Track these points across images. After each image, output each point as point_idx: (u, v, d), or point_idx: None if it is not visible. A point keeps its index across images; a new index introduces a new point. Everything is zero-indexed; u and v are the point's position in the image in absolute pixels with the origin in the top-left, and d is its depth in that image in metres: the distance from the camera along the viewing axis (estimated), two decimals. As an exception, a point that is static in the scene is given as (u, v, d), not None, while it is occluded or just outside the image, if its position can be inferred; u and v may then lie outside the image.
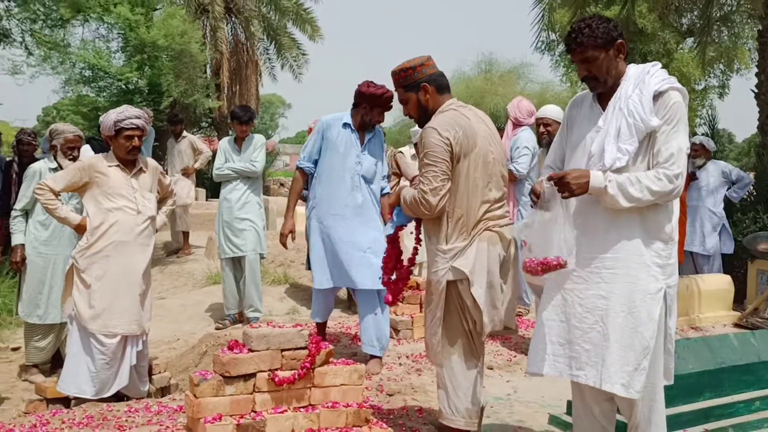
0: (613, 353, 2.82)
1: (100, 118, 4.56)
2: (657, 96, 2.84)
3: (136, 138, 4.41)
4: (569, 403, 3.85)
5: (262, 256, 6.68)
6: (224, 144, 6.75)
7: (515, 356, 5.30)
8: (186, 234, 9.85)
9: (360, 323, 4.89)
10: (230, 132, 21.20)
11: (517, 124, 6.54)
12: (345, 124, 4.85)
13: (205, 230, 10.50)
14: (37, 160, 5.71)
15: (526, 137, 6.44)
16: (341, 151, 4.82)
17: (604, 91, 2.97)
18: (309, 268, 6.05)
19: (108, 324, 4.28)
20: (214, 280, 8.12)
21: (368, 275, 4.64)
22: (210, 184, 16.73)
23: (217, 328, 6.44)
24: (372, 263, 4.60)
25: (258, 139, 6.67)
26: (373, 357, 4.80)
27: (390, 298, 3.49)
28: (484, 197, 3.25)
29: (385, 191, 5.09)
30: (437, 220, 3.25)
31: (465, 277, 3.17)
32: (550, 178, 2.91)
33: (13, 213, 5.37)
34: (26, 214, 5.35)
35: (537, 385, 4.69)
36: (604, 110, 2.95)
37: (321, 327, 5.11)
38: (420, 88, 3.36)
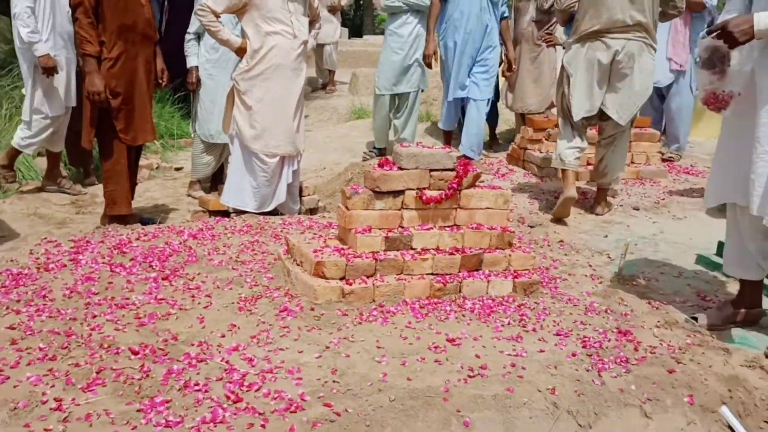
0: None
1: None
2: None
3: None
4: (720, 244, 3.73)
5: (422, 91, 6.62)
6: None
7: (663, 199, 5.13)
8: (332, 72, 9.99)
9: (465, 129, 5.94)
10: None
11: None
12: None
13: (348, 68, 10.58)
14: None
15: None
16: None
17: None
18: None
19: (269, 144, 4.49)
20: (359, 114, 8.30)
21: (477, 90, 5.84)
22: (352, 24, 16.64)
23: (364, 159, 6.62)
24: (486, 81, 5.85)
25: None
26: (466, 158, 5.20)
27: None
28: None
29: (504, 15, 6.07)
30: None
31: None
32: (709, 32, 2.68)
33: (187, 37, 5.56)
34: (198, 37, 5.52)
35: (685, 227, 4.57)
36: None
37: (448, 135, 6.21)
38: None
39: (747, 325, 3.09)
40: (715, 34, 2.71)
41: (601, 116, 4.54)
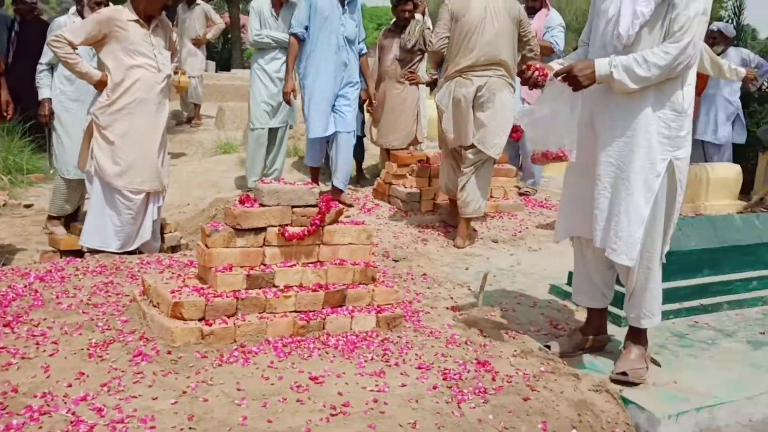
0: (614, 219, 2.87)
1: None
2: None
3: None
4: (570, 274, 3.94)
5: (291, 127, 6.63)
6: (258, 6, 6.29)
7: (520, 232, 5.38)
8: (198, 105, 9.78)
9: (334, 162, 5.96)
10: (242, 4, 20.57)
11: (544, 2, 6.59)
12: None
13: (215, 101, 10.42)
14: (40, 18, 5.61)
15: (558, 16, 6.61)
16: (326, 16, 5.70)
17: None
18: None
19: (134, 180, 4.34)
20: (225, 149, 8.16)
21: (342, 123, 5.86)
22: (219, 57, 16.43)
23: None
24: (349, 113, 5.89)
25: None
26: (337, 191, 5.86)
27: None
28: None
29: (362, 53, 6.13)
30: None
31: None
32: (556, 74, 2.88)
33: (39, 67, 5.26)
34: (51, 68, 5.24)
35: (540, 258, 4.80)
36: None
37: (315, 172, 6.25)
38: None
39: (594, 351, 3.28)
40: (561, 77, 2.88)
41: (466, 146, 4.90)
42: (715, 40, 7.46)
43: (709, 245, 3.98)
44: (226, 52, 17.59)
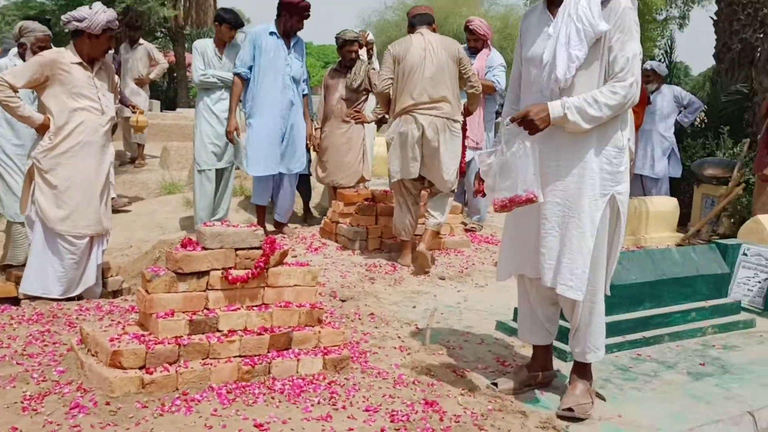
0: (566, 257, 2.91)
1: (75, 14, 4.28)
2: (605, 1, 2.85)
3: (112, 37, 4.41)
4: (515, 310, 3.97)
5: (237, 168, 6.60)
6: (202, 46, 6.27)
7: (467, 268, 5.42)
8: (141, 145, 9.65)
9: (277, 200, 6.18)
10: (187, 44, 20.50)
11: (485, 43, 6.66)
12: (271, 33, 5.87)
13: (160, 141, 10.30)
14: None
15: (499, 56, 6.74)
16: (271, 56, 5.83)
17: None
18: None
19: (78, 224, 4.27)
20: (169, 189, 8.05)
21: (288, 163, 6.02)
22: (165, 96, 16.30)
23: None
24: (295, 152, 6.04)
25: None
26: (280, 224, 6.19)
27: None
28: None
29: (305, 93, 6.22)
30: None
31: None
32: (512, 120, 2.94)
33: None
34: None
35: (486, 295, 4.83)
36: (554, 18, 2.95)
37: (261, 211, 6.26)
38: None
39: (541, 387, 3.30)
40: (517, 121, 2.93)
41: (427, 183, 5.32)
42: (648, 78, 7.75)
43: (648, 278, 4.07)
44: (172, 91, 17.48)
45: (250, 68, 5.89)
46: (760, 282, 4.61)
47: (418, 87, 5.03)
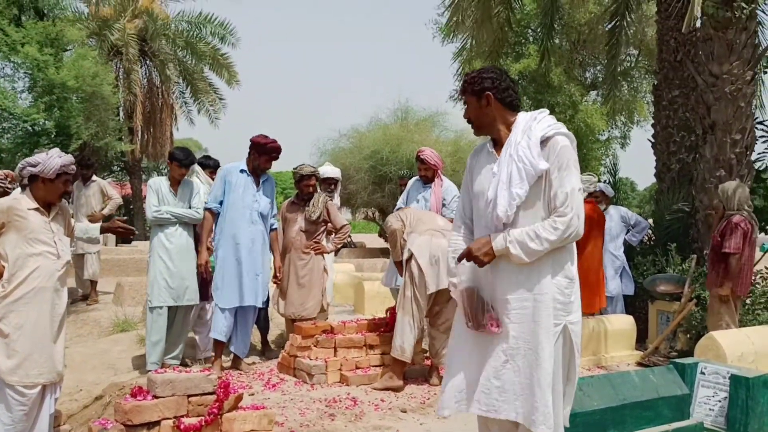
0: (526, 391, 2.88)
1: (30, 160, 4.31)
2: (544, 141, 2.99)
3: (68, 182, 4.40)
4: (480, 444, 3.89)
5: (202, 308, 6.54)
6: (157, 184, 6.30)
7: (428, 399, 5.32)
8: (94, 282, 9.49)
9: (236, 332, 6.16)
10: (144, 177, 20.70)
11: (436, 173, 6.83)
12: (242, 170, 6.15)
13: (113, 276, 10.15)
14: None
15: (452, 186, 6.87)
16: (241, 192, 6.07)
17: (479, 135, 3.20)
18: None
19: (30, 373, 4.09)
20: (123, 327, 7.85)
21: (255, 295, 6.08)
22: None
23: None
24: (259, 285, 6.11)
25: (197, 185, 6.41)
26: (238, 359, 6.19)
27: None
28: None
29: (273, 227, 6.42)
30: None
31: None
32: (459, 259, 3.06)
33: None
34: None
35: (449, 425, 4.72)
36: (498, 157, 3.08)
37: (220, 347, 6.11)
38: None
39: None
40: (464, 259, 3.01)
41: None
42: (597, 199, 8.02)
43: (610, 404, 4.04)
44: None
45: (221, 203, 6.11)
46: (720, 401, 4.61)
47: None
